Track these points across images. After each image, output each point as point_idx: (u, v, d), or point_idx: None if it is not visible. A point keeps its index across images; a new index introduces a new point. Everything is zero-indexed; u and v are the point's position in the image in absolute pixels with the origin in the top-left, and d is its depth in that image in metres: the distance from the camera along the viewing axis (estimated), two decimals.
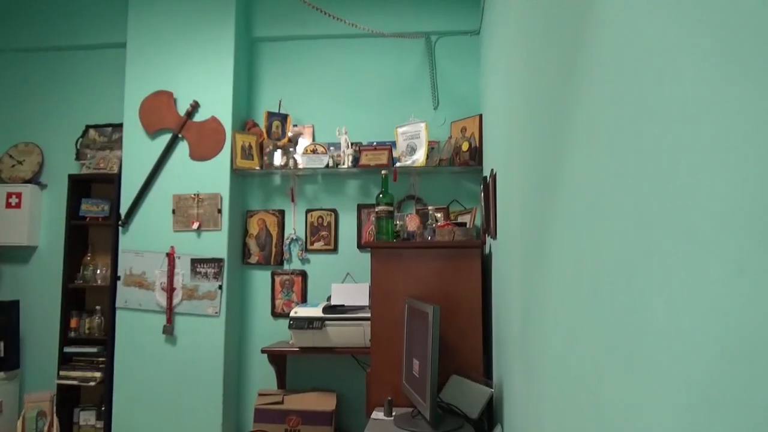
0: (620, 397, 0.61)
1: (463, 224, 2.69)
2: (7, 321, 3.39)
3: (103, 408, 3.28)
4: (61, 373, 3.28)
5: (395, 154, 3.19)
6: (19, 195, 3.50)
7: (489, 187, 2.30)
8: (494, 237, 2.20)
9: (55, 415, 3.24)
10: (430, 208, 2.87)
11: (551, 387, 0.99)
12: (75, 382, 3.27)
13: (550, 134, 1.02)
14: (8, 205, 3.50)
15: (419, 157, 3.10)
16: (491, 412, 2.19)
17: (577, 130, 0.82)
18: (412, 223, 2.75)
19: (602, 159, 0.69)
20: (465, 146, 3.07)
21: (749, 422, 0.36)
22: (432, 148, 3.17)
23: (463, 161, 3.08)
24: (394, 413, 2.17)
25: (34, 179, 3.59)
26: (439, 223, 2.71)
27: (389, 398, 2.20)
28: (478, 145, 3.06)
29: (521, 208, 1.44)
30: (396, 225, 2.76)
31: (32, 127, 3.67)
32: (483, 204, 2.51)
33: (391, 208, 2.70)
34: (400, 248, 2.50)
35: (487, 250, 2.57)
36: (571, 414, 0.83)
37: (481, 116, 3.07)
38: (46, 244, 3.59)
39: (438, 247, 2.45)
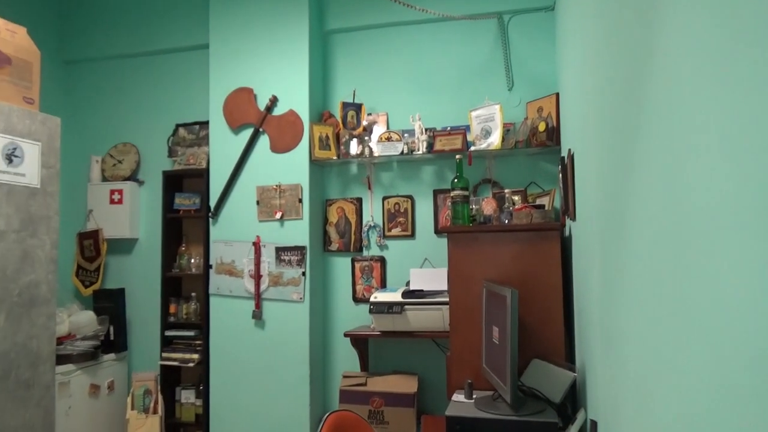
0: (702, 380, 0.60)
1: (542, 206, 2.64)
2: (115, 308, 3.70)
3: (201, 387, 3.53)
4: (164, 354, 3.56)
5: (469, 138, 3.17)
6: (120, 192, 3.80)
7: (567, 168, 2.24)
8: (573, 219, 2.15)
9: (159, 393, 3.52)
10: (506, 191, 2.83)
11: (632, 371, 0.97)
12: (176, 363, 3.53)
13: (627, 111, 0.99)
14: (112, 201, 3.81)
15: (494, 139, 3.06)
16: (575, 397, 2.16)
17: (655, 107, 0.80)
18: (488, 206, 2.73)
19: (681, 137, 0.68)
20: (542, 126, 3.00)
21: None
22: (507, 130, 3.12)
23: (540, 142, 3.01)
24: (474, 396, 2.19)
25: (133, 177, 3.88)
26: (516, 206, 2.67)
27: (469, 381, 2.21)
28: (555, 124, 2.98)
29: (598, 188, 1.40)
30: (472, 209, 2.76)
31: (129, 128, 3.96)
32: (561, 185, 2.45)
33: (466, 193, 2.70)
34: (476, 232, 2.49)
35: (567, 233, 2.52)
36: (652, 398, 0.82)
37: (557, 95, 2.99)
38: (145, 236, 3.88)
39: (515, 230, 2.43)
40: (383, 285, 3.39)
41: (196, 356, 3.50)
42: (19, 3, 3.63)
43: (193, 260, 3.66)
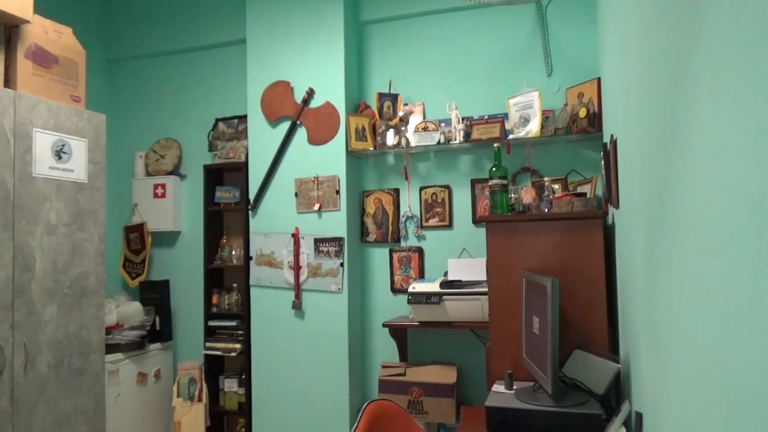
0: (756, 372, 0.58)
1: (583, 194, 2.58)
2: (160, 298, 3.81)
3: (243, 376, 3.60)
4: (207, 344, 3.65)
5: (507, 126, 3.12)
6: (163, 186, 3.90)
7: (609, 154, 2.18)
8: (617, 206, 2.09)
9: (203, 381, 3.61)
10: (546, 179, 2.77)
11: (680, 362, 0.94)
12: (219, 353, 3.61)
13: (675, 91, 0.95)
14: (155, 195, 3.91)
15: (533, 127, 3.00)
16: (618, 388, 2.11)
17: (705, 86, 0.76)
18: (527, 195, 2.68)
19: (733, 120, 0.64)
20: (582, 113, 2.92)
21: None
22: (546, 117, 3.05)
23: (581, 129, 2.94)
24: (515, 386, 2.17)
25: (175, 171, 3.98)
26: (556, 195, 2.62)
27: (509, 372, 2.19)
28: (597, 110, 2.90)
29: (643, 173, 1.36)
30: (511, 198, 2.72)
31: (171, 124, 4.06)
32: (604, 172, 2.39)
33: (505, 182, 2.66)
34: (515, 221, 2.45)
35: (609, 221, 2.45)
36: (701, 390, 0.79)
37: (599, 79, 2.90)
38: (188, 228, 3.97)
39: (556, 218, 2.38)
40: (421, 275, 3.38)
41: (238, 346, 3.57)
42: (65, 4, 3.75)
43: (234, 252, 3.74)
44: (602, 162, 2.43)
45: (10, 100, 2.33)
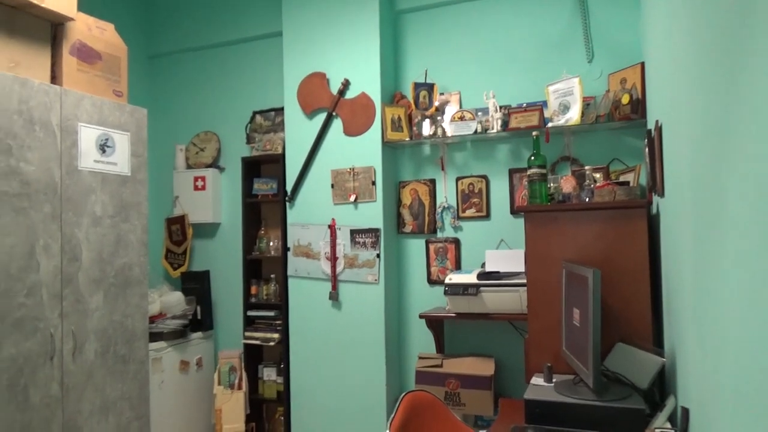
0: None
1: (626, 183, 2.50)
2: (201, 289, 3.90)
3: (281, 365, 3.66)
4: (246, 333, 3.71)
5: (547, 113, 3.05)
6: (203, 178, 3.98)
7: (654, 141, 2.10)
8: (662, 195, 2.02)
9: (243, 370, 3.68)
10: (587, 168, 2.70)
11: (732, 357, 0.90)
12: (258, 342, 3.67)
13: (726, 73, 0.91)
14: (196, 188, 3.99)
15: (573, 115, 2.93)
16: (663, 383, 2.04)
17: (763, 65, 0.72)
18: (567, 184, 2.62)
19: None
20: (625, 99, 2.83)
21: None
22: (587, 104, 2.97)
23: (624, 116, 2.84)
24: (554, 379, 2.13)
25: (214, 163, 4.05)
26: (597, 184, 2.55)
27: (549, 364, 2.15)
28: (640, 96, 2.80)
29: (691, 160, 1.30)
30: (550, 188, 2.66)
31: (210, 117, 4.12)
32: (648, 160, 2.31)
33: (544, 171, 2.60)
34: (555, 211, 2.40)
35: (654, 210, 2.37)
36: (755, 386, 0.75)
37: (643, 64, 2.80)
38: (227, 220, 4.04)
39: (597, 208, 2.31)
40: (458, 267, 3.35)
41: (276, 335, 3.62)
42: (106, 2, 3.85)
43: (271, 243, 3.78)
44: (646, 149, 2.35)
45: (57, 96, 2.41)
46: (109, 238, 2.63)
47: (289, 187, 3.57)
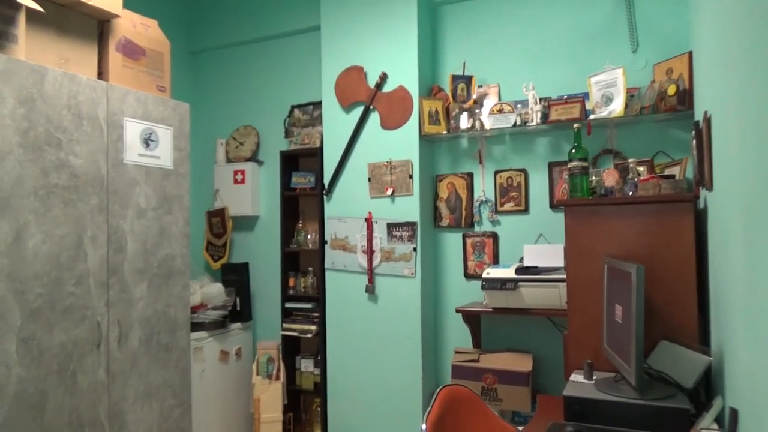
0: None
1: (671, 177, 2.43)
2: (241, 280, 3.97)
3: (318, 357, 3.70)
4: (284, 325, 3.77)
5: (588, 105, 2.98)
6: (243, 172, 4.04)
7: (702, 133, 2.03)
8: (710, 189, 1.95)
9: (281, 361, 3.74)
10: (630, 161, 2.63)
11: None
12: (295, 334, 3.72)
13: None
14: (235, 181, 4.06)
15: (616, 106, 2.85)
16: (708, 383, 1.98)
17: None
18: (609, 178, 2.55)
19: None
20: (671, 90, 2.74)
21: None
22: (631, 95, 2.89)
23: (670, 107, 2.75)
24: (594, 377, 2.08)
25: (254, 157, 4.11)
26: (641, 177, 2.48)
27: (589, 361, 2.11)
28: (687, 86, 2.70)
29: (742, 153, 1.25)
30: (591, 181, 2.60)
31: (249, 111, 4.19)
32: (695, 152, 2.23)
33: (585, 164, 2.54)
34: (596, 205, 2.35)
35: (701, 205, 2.29)
36: None
37: (690, 54, 2.70)
38: (265, 213, 4.10)
39: (641, 202, 2.25)
40: (495, 261, 3.32)
41: (313, 327, 3.66)
42: None
43: (309, 236, 3.82)
44: (693, 142, 2.27)
45: (104, 92, 2.48)
46: (152, 230, 2.70)
47: (326, 181, 3.59)
